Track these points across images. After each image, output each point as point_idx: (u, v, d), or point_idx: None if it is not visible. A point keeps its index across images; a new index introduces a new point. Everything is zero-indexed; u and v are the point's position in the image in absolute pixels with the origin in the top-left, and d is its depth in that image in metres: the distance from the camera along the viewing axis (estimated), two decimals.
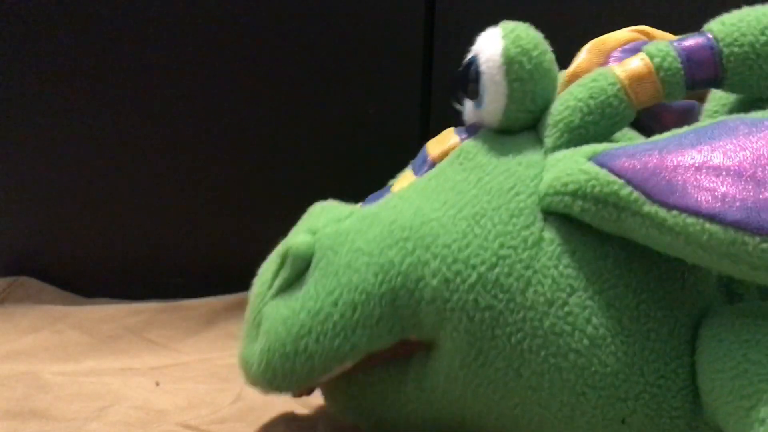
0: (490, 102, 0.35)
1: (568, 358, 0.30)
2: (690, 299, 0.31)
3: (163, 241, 0.60)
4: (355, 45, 0.57)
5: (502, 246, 0.31)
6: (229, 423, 0.40)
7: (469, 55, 0.36)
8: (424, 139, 0.60)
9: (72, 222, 0.59)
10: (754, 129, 0.28)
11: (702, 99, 0.36)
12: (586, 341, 0.30)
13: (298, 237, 0.35)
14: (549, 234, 0.32)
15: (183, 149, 0.59)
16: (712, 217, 0.26)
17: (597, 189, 0.30)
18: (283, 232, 0.38)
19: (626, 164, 0.29)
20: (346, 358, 0.33)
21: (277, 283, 0.35)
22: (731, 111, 0.34)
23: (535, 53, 0.34)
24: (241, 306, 0.56)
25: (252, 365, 0.35)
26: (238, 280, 0.57)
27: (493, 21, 0.37)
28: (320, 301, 0.32)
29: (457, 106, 0.39)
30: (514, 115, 0.35)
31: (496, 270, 0.31)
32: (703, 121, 0.30)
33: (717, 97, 0.35)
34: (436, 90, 0.59)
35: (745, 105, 0.33)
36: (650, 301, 0.31)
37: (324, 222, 0.35)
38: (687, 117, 0.36)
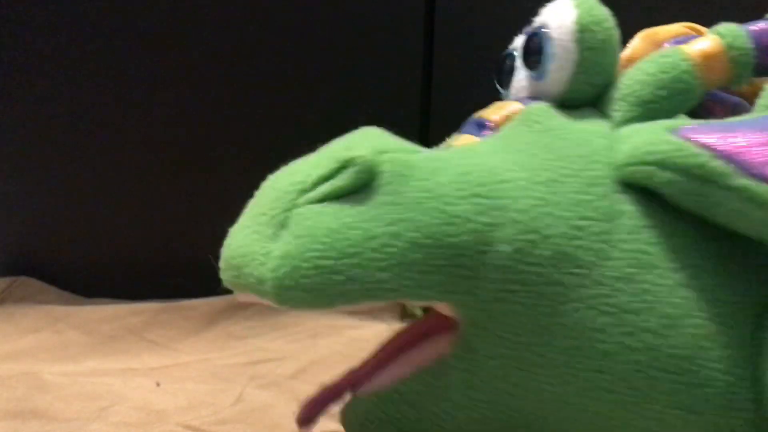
0: (556, 70, 0.34)
1: (640, 338, 0.29)
2: (763, 291, 0.30)
3: (163, 241, 0.60)
4: (355, 45, 0.57)
5: (579, 216, 0.30)
6: (230, 424, 0.40)
7: (532, 28, 0.35)
8: (425, 139, 0.60)
9: (72, 222, 0.59)
10: None
11: (748, 98, 0.36)
12: (663, 320, 0.29)
13: (366, 149, 0.31)
14: (627, 206, 0.30)
15: (183, 149, 0.59)
16: None
17: (683, 159, 0.29)
18: None
19: (710, 138, 0.28)
20: (381, 296, 0.30)
21: (325, 188, 0.31)
22: None
23: (606, 24, 0.33)
24: (241, 306, 0.57)
25: (263, 265, 0.30)
26: None
27: (493, 21, 0.37)
28: (380, 228, 0.29)
29: (499, 89, 0.38)
30: (579, 86, 0.34)
31: (573, 242, 0.29)
32: None
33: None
34: (436, 90, 0.59)
35: None
36: (725, 286, 0.29)
37: (393, 146, 0.32)
38: (738, 113, 0.35)
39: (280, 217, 0.31)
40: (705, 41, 0.32)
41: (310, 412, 0.34)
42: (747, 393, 0.29)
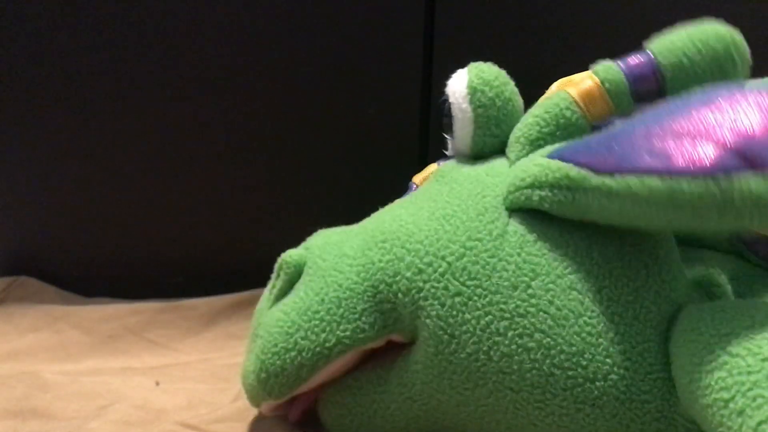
0: (459, 129, 0.39)
1: (533, 338, 0.32)
2: (655, 287, 0.33)
3: (163, 241, 0.60)
4: (355, 46, 0.57)
5: (469, 238, 0.34)
6: (229, 422, 0.40)
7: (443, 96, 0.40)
8: (424, 139, 0.61)
9: (72, 222, 0.59)
10: (704, 97, 0.30)
11: None
12: (550, 321, 0.32)
13: (291, 250, 0.39)
14: (513, 227, 0.35)
15: (183, 149, 0.59)
16: (649, 171, 0.28)
17: (550, 176, 0.33)
18: (283, 232, 0.39)
19: (573, 150, 0.32)
20: (332, 354, 0.35)
21: (273, 293, 0.38)
22: None
23: (495, 83, 0.38)
24: (241, 306, 0.57)
25: (249, 371, 0.37)
26: (238, 280, 0.58)
27: (492, 21, 0.37)
28: (308, 300, 0.36)
29: (445, 135, 0.42)
30: (481, 140, 0.39)
31: (464, 259, 0.34)
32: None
33: None
34: (436, 91, 0.59)
35: None
36: (613, 287, 0.33)
37: (315, 239, 0.39)
38: None
39: (257, 329, 0.38)
40: (585, 81, 0.36)
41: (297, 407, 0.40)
42: (644, 385, 0.31)
